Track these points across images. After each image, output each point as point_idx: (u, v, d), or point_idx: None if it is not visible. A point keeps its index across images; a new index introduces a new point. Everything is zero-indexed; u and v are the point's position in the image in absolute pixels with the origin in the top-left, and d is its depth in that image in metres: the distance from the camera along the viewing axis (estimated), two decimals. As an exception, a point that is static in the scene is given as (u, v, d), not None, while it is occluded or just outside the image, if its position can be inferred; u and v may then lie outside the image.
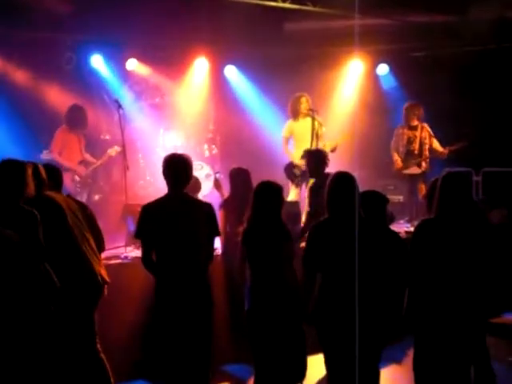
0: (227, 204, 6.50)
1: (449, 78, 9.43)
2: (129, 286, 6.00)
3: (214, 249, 5.76)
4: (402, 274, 4.59)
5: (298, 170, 8.44)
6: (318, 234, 4.64)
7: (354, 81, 10.85)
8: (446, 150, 9.00)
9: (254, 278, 4.99)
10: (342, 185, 4.64)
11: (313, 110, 8.68)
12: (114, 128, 8.83)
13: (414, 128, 9.21)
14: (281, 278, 4.94)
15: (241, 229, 5.28)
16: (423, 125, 9.21)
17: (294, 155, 8.68)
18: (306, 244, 4.71)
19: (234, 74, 10.88)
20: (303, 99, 8.87)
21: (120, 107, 7.98)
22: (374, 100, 10.52)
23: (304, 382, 5.19)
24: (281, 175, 8.22)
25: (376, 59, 10.71)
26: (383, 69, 10.85)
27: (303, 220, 7.31)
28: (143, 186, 9.14)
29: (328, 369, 4.63)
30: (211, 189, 8.46)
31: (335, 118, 10.17)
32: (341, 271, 4.48)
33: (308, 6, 8.73)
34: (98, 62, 9.80)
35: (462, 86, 9.58)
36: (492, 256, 4.51)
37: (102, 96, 9.36)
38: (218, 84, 10.71)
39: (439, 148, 9.09)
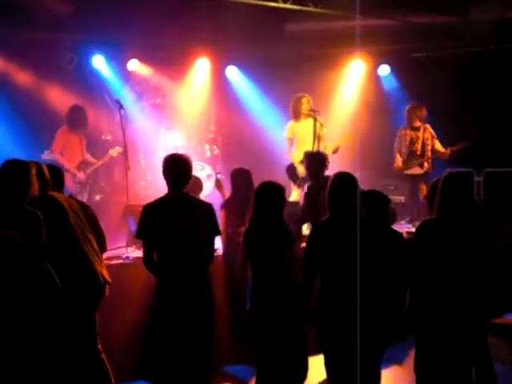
0: (228, 204, 6.49)
1: (450, 79, 9.44)
2: (130, 287, 6.00)
3: (215, 249, 5.77)
4: (404, 274, 4.59)
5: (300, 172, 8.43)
6: (318, 234, 4.65)
7: (355, 81, 10.85)
8: (448, 151, 9.00)
9: (255, 278, 4.98)
10: (343, 185, 4.65)
11: (314, 110, 8.66)
12: (116, 128, 8.85)
13: (417, 129, 9.22)
14: (282, 279, 4.93)
15: (242, 229, 5.28)
16: (425, 126, 9.21)
17: (295, 156, 8.67)
18: (306, 244, 4.71)
19: (235, 75, 10.89)
20: (304, 100, 8.86)
21: (121, 107, 7.97)
22: (375, 101, 10.53)
23: (305, 382, 5.18)
24: (282, 176, 8.21)
25: (377, 60, 10.71)
26: (384, 69, 10.85)
27: None
28: (144, 186, 9.14)
29: (328, 370, 4.63)
30: (212, 189, 8.46)
31: (336, 118, 10.18)
32: (342, 271, 4.48)
33: (309, 6, 8.74)
34: (99, 62, 9.80)
35: (464, 86, 9.58)
36: (493, 256, 4.51)
37: (103, 96, 9.36)
38: (220, 84, 10.72)
39: (441, 148, 9.08)
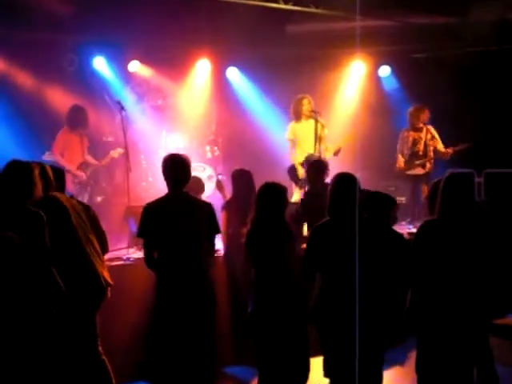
0: (229, 205, 6.50)
1: (450, 80, 9.43)
2: (131, 288, 6.00)
3: (216, 250, 5.78)
4: (405, 274, 4.59)
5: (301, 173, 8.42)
6: (319, 234, 4.65)
7: (355, 82, 10.85)
8: (450, 151, 9.02)
9: (257, 279, 4.98)
10: (344, 186, 4.65)
11: (315, 111, 8.64)
12: (117, 130, 8.85)
13: (419, 130, 9.25)
14: (284, 279, 4.92)
15: (244, 230, 5.29)
16: (428, 127, 9.23)
17: (297, 157, 8.67)
18: (306, 244, 4.71)
19: (235, 76, 10.88)
20: (305, 101, 8.85)
21: (122, 109, 7.97)
22: (375, 101, 10.53)
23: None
24: (283, 176, 8.18)
25: (378, 61, 10.71)
26: (385, 70, 10.85)
27: None
28: (145, 187, 9.13)
29: (328, 370, 4.63)
30: (213, 190, 8.46)
31: (337, 119, 10.17)
32: (342, 272, 4.48)
33: (310, 7, 8.73)
34: (100, 63, 9.80)
35: (464, 87, 9.58)
36: (495, 257, 4.51)
37: (104, 98, 9.34)
38: (220, 86, 10.71)
39: (443, 149, 9.10)
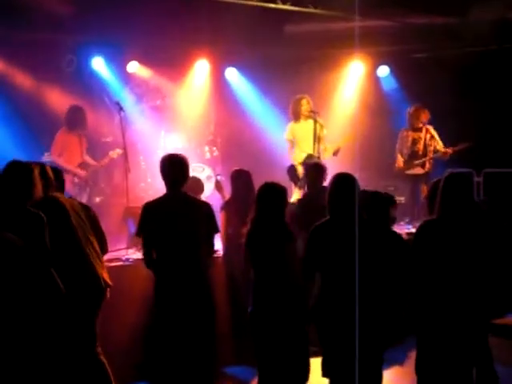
0: (228, 206, 6.49)
1: (450, 79, 9.43)
2: (130, 289, 6.00)
3: (216, 250, 5.78)
4: (404, 275, 4.59)
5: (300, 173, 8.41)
6: (318, 234, 4.65)
7: (354, 82, 10.85)
8: (450, 151, 9.01)
9: (257, 279, 4.97)
10: (343, 186, 4.65)
11: (314, 111, 8.64)
12: (115, 130, 8.82)
13: (419, 129, 9.25)
14: (284, 280, 4.91)
15: (243, 230, 5.28)
16: (427, 126, 9.23)
17: (296, 157, 8.67)
18: (306, 245, 4.71)
19: (234, 76, 10.88)
20: (304, 101, 8.85)
21: (121, 109, 7.97)
22: (374, 101, 10.53)
23: (307, 384, 5.18)
24: (282, 177, 8.17)
25: (377, 61, 10.71)
26: (384, 70, 10.86)
27: None
28: (144, 188, 9.12)
29: (327, 371, 4.62)
30: (212, 191, 8.45)
31: (336, 119, 10.17)
32: (341, 272, 4.48)
33: (309, 7, 8.72)
34: (98, 64, 9.79)
35: (463, 86, 9.58)
36: (494, 256, 4.50)
37: (102, 98, 9.34)
38: (219, 86, 10.71)
39: (443, 149, 9.09)
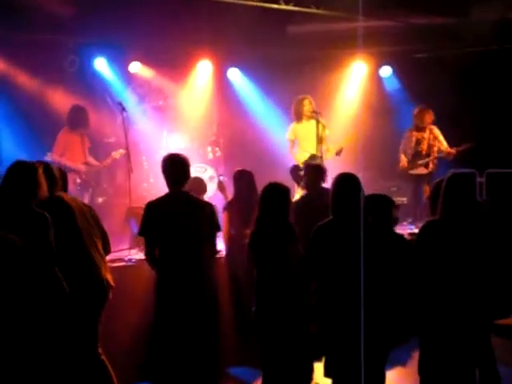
0: (231, 206, 6.50)
1: (451, 80, 9.44)
2: (133, 289, 6.00)
3: (218, 251, 5.79)
4: (407, 275, 4.58)
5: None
6: (321, 234, 4.65)
7: (357, 83, 10.85)
8: (454, 151, 9.00)
9: (260, 279, 4.98)
10: (346, 186, 4.65)
11: (316, 112, 8.66)
12: (118, 131, 8.83)
13: (422, 129, 9.25)
14: (287, 280, 4.91)
15: (246, 231, 5.30)
16: (431, 126, 9.23)
17: (298, 157, 8.68)
18: (307, 245, 4.71)
19: (237, 77, 10.87)
20: (306, 101, 8.86)
21: (123, 110, 7.97)
22: (377, 102, 10.53)
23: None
24: (284, 177, 8.16)
25: (379, 61, 10.71)
26: (386, 70, 10.86)
27: None
28: (147, 188, 9.12)
29: (330, 371, 4.62)
30: (215, 191, 8.46)
31: (338, 120, 10.17)
32: (344, 272, 4.48)
33: (311, 8, 8.73)
34: (101, 64, 9.79)
35: (465, 87, 9.58)
36: (497, 257, 4.50)
37: (105, 99, 9.34)
38: (222, 86, 10.70)
39: (447, 149, 9.09)
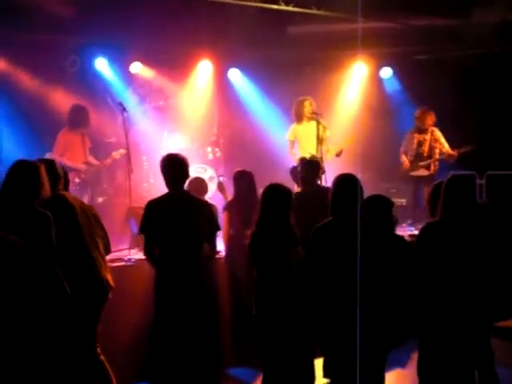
0: (231, 207, 6.50)
1: (452, 81, 9.43)
2: (132, 289, 6.01)
3: (218, 251, 5.79)
4: (407, 276, 4.59)
5: None
6: (320, 235, 4.65)
7: (357, 84, 10.85)
8: (455, 153, 8.99)
9: (260, 281, 4.98)
10: (345, 186, 4.66)
11: (317, 113, 8.66)
12: (118, 131, 8.83)
13: (424, 131, 9.24)
14: (287, 282, 4.91)
15: (246, 231, 5.30)
16: (433, 128, 9.22)
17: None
18: (307, 245, 4.71)
19: (237, 77, 10.88)
20: (307, 103, 8.87)
21: (124, 110, 7.98)
22: (377, 103, 10.53)
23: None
24: (284, 178, 8.18)
25: (379, 62, 10.71)
26: (387, 72, 10.87)
27: None
28: (147, 188, 9.11)
29: (328, 372, 4.63)
30: (215, 192, 8.46)
31: (339, 121, 10.18)
32: (343, 273, 4.48)
33: (311, 9, 8.73)
34: (101, 64, 9.80)
35: (466, 88, 9.58)
36: (497, 259, 4.51)
37: (105, 99, 9.33)
38: (222, 87, 10.71)
39: (449, 151, 9.08)
